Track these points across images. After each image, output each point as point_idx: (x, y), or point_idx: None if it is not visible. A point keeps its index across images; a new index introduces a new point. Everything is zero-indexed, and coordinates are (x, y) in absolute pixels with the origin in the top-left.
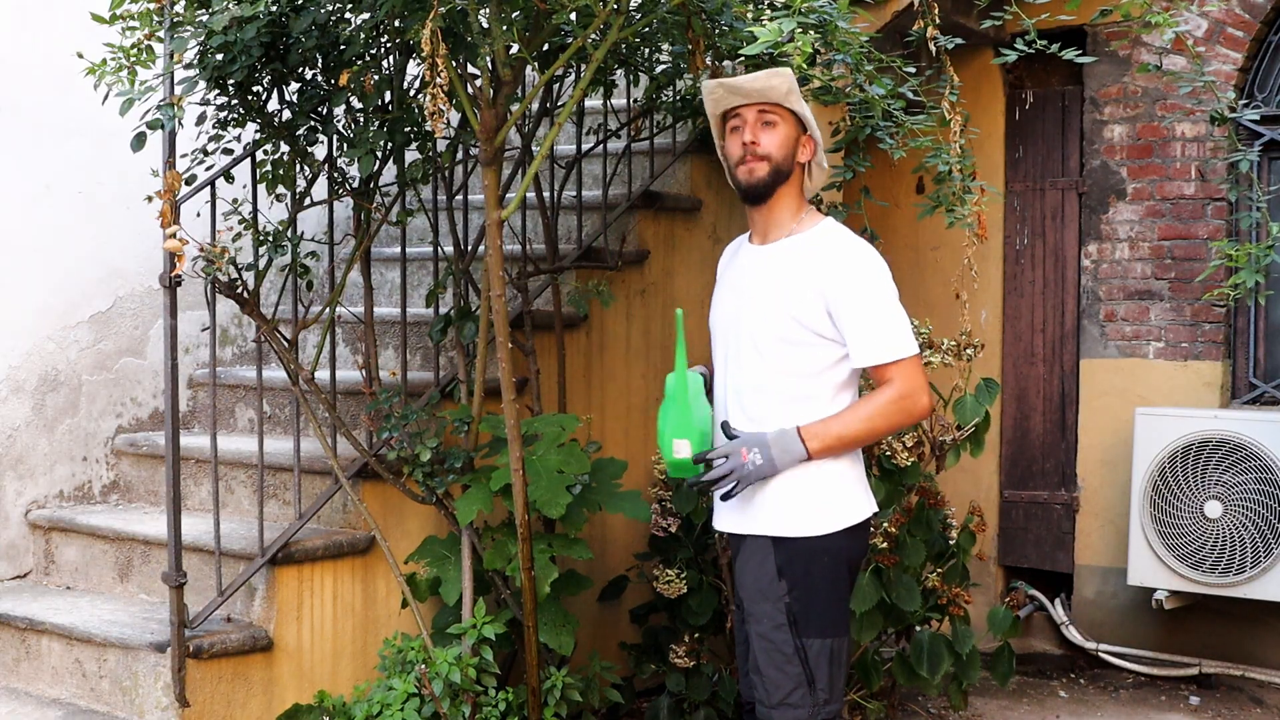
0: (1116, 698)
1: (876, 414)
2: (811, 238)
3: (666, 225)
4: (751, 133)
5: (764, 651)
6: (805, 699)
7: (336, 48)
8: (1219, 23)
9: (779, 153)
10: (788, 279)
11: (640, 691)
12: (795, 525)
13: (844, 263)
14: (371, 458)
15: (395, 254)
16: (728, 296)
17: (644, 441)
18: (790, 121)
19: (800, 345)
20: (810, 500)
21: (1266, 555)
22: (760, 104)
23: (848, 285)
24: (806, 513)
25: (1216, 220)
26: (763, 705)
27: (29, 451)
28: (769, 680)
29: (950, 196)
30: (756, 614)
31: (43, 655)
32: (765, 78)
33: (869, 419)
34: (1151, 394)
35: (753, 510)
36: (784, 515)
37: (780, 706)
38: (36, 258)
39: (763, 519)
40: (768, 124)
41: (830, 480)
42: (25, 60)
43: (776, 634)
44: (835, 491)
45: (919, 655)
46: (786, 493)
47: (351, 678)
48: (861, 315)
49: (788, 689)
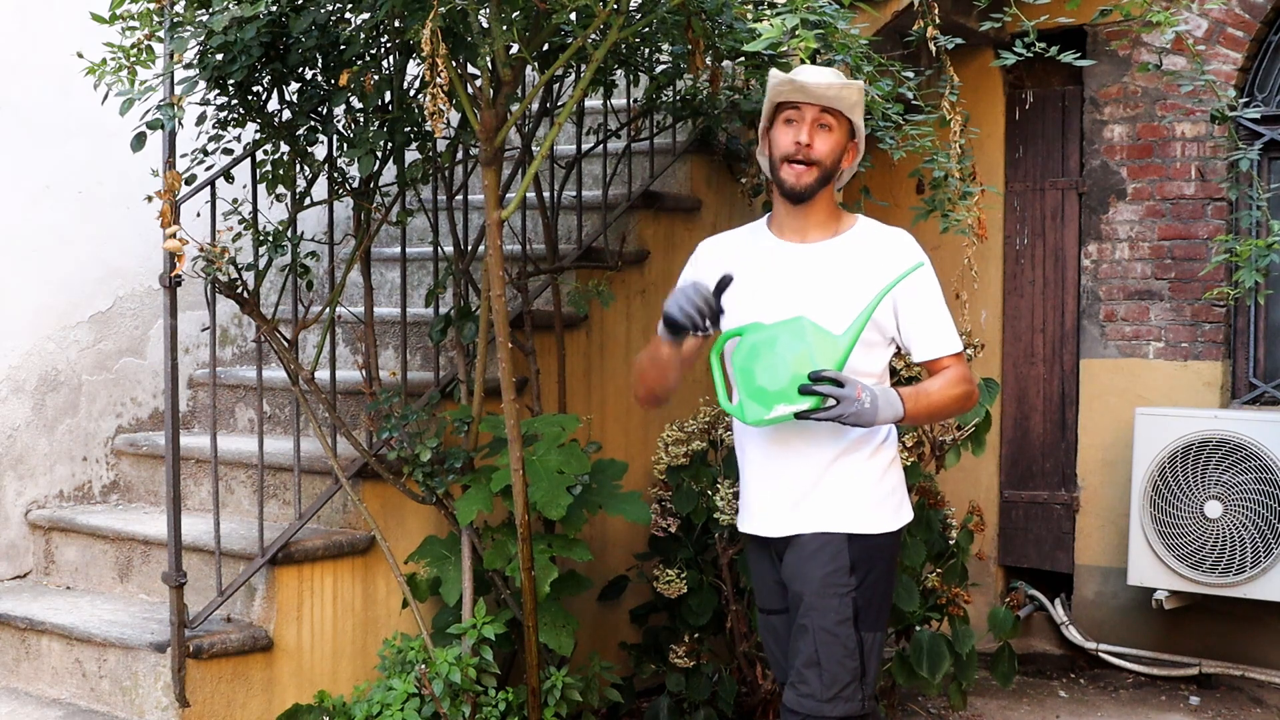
0: (1116, 698)
1: (951, 390)
2: (865, 237)
3: (666, 225)
4: (808, 133)
5: (826, 645)
6: (857, 692)
7: (336, 48)
8: (1219, 22)
9: (829, 159)
10: (856, 279)
11: (640, 691)
12: (870, 522)
13: (913, 260)
14: (371, 458)
15: (395, 254)
16: (765, 293)
17: (644, 441)
18: (844, 127)
19: (868, 345)
20: (882, 499)
21: (1266, 555)
22: (822, 106)
23: (916, 284)
24: (880, 511)
25: (1216, 220)
26: (813, 699)
27: (29, 451)
28: (828, 674)
29: (945, 201)
30: (821, 608)
31: (43, 655)
32: (840, 86)
33: (946, 393)
34: (1151, 394)
35: (828, 507)
36: (862, 513)
37: (835, 700)
38: (36, 258)
39: (841, 516)
40: (824, 127)
41: (893, 478)
42: (25, 60)
43: (841, 629)
44: (898, 489)
45: (919, 655)
46: (863, 492)
47: (351, 678)
48: (926, 311)
49: (845, 682)
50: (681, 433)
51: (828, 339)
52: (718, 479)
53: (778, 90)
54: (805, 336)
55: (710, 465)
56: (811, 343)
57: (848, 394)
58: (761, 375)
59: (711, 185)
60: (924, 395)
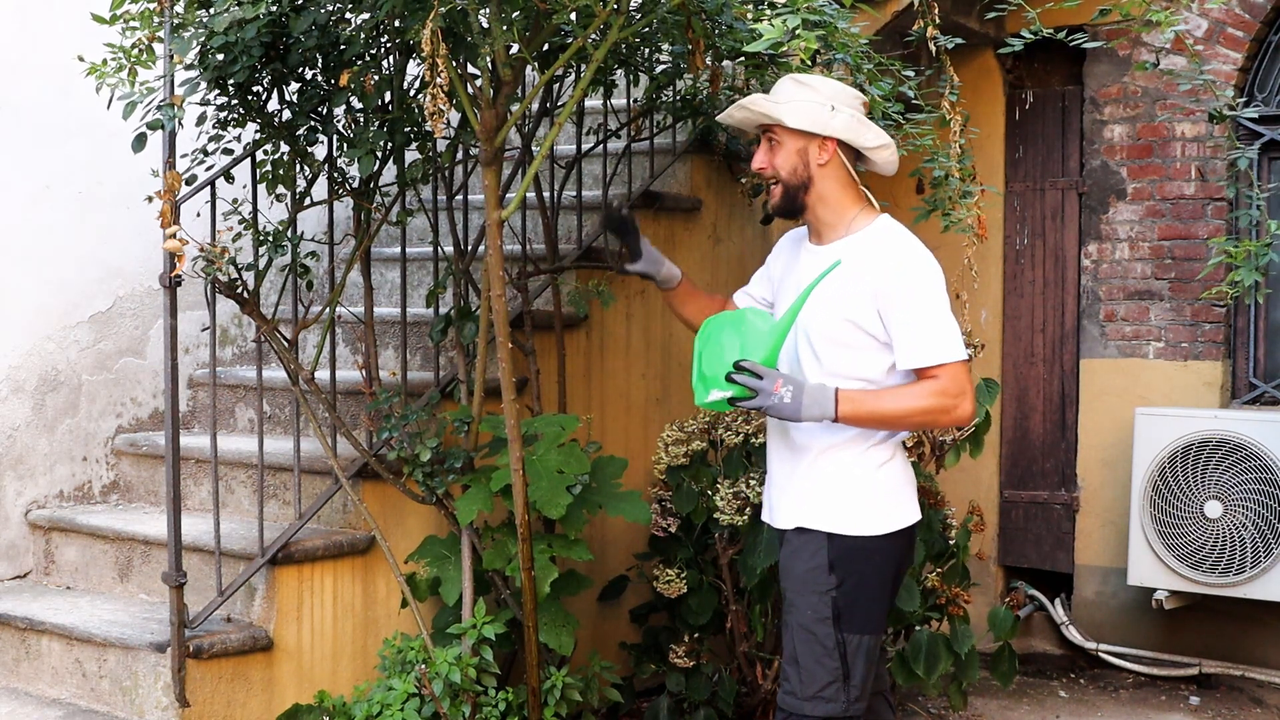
0: (1116, 698)
1: (913, 401)
2: (866, 238)
3: (666, 225)
4: (757, 158)
5: (804, 643)
6: (839, 693)
7: (336, 48)
8: (1219, 22)
9: (784, 171)
10: (842, 279)
11: (640, 691)
12: (852, 524)
13: (895, 262)
14: (371, 458)
15: (395, 254)
16: (787, 293)
17: (644, 441)
18: (792, 134)
19: (853, 348)
20: (868, 501)
21: (1266, 555)
22: (763, 126)
23: (896, 285)
24: (864, 512)
25: (1216, 220)
26: (794, 696)
27: (29, 451)
28: (805, 671)
29: (946, 201)
30: (800, 605)
31: (43, 655)
32: (733, 110)
33: (904, 403)
34: (1151, 394)
35: (809, 504)
36: (843, 513)
37: (814, 699)
38: (36, 258)
39: (820, 514)
40: (772, 141)
41: (887, 484)
42: (25, 60)
43: (819, 627)
44: (891, 495)
45: (916, 655)
46: (847, 491)
47: (351, 678)
48: (909, 315)
49: (823, 681)
50: (681, 433)
51: (759, 333)
52: (718, 479)
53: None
54: (742, 327)
55: (710, 465)
56: (745, 334)
57: (764, 386)
58: (707, 361)
59: (711, 185)
60: (871, 400)
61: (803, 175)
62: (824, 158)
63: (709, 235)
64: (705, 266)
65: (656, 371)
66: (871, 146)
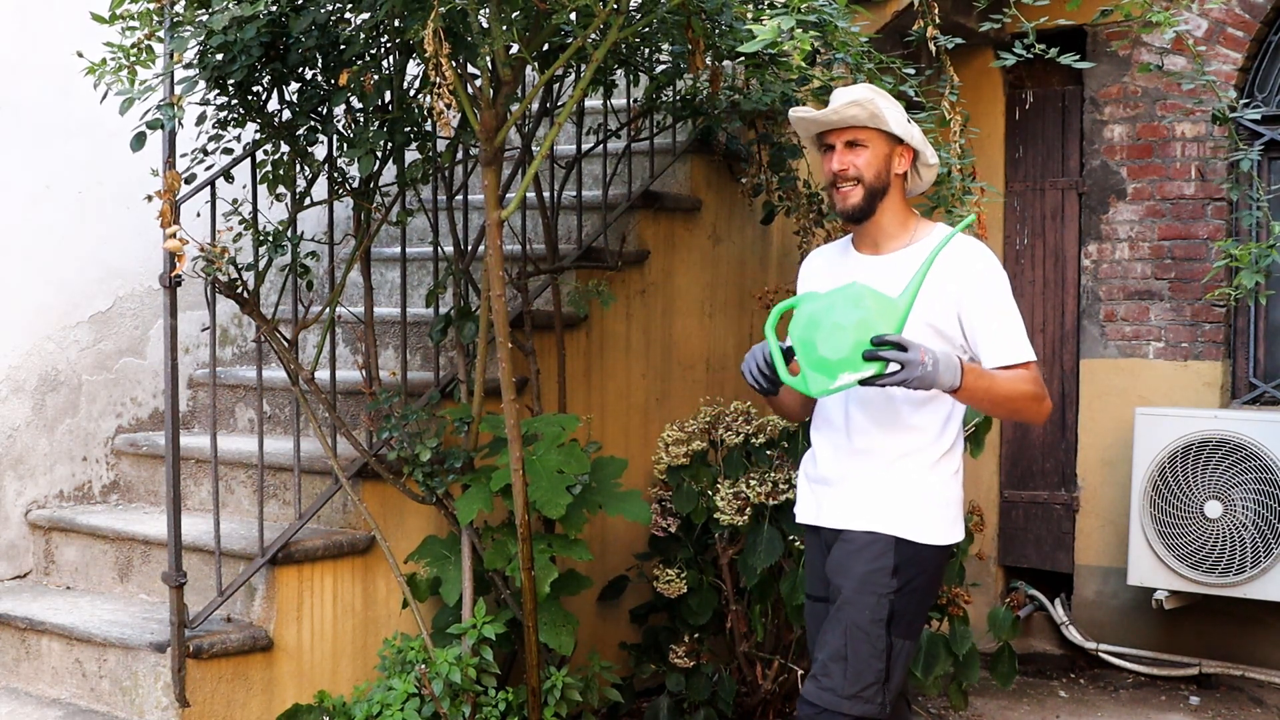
0: (1116, 698)
1: (1022, 385)
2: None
3: (666, 225)
4: (839, 160)
5: (856, 641)
6: (877, 694)
7: (336, 48)
8: (1219, 22)
9: (869, 174)
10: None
11: (640, 691)
12: (922, 531)
13: (979, 269)
14: (371, 458)
15: (395, 254)
16: None
17: (644, 441)
18: (881, 139)
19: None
20: (939, 510)
21: (1266, 555)
22: (846, 128)
23: (981, 290)
24: (934, 521)
25: (1217, 220)
26: (833, 693)
27: (29, 451)
28: (853, 670)
29: (950, 197)
30: (857, 603)
31: (43, 655)
32: (844, 108)
33: (1015, 386)
34: (1151, 394)
35: (881, 507)
36: (914, 519)
37: (854, 699)
38: (36, 257)
39: (892, 518)
40: (855, 146)
41: (951, 493)
42: (25, 60)
43: (874, 628)
44: (955, 506)
45: (916, 655)
46: (920, 498)
47: (351, 678)
48: (995, 318)
49: (867, 682)
50: (681, 433)
51: (886, 303)
52: (718, 479)
53: (798, 127)
54: (863, 302)
55: (710, 465)
56: (870, 307)
57: (912, 358)
58: (823, 345)
59: (711, 185)
60: (987, 376)
61: (884, 180)
62: (903, 166)
63: (709, 235)
64: (705, 266)
65: (656, 371)
66: (931, 164)
